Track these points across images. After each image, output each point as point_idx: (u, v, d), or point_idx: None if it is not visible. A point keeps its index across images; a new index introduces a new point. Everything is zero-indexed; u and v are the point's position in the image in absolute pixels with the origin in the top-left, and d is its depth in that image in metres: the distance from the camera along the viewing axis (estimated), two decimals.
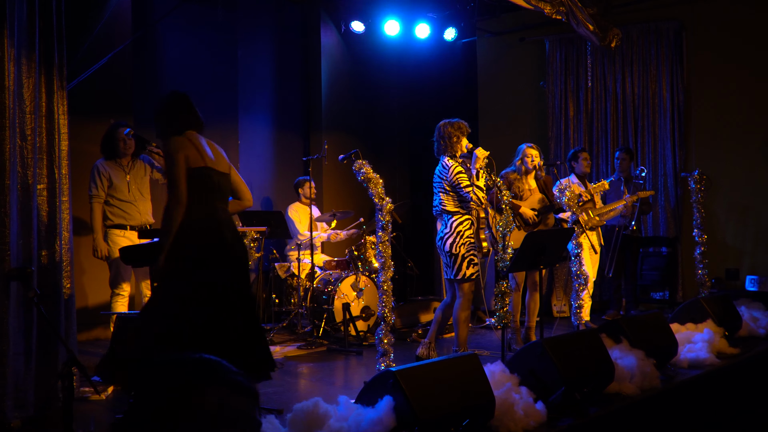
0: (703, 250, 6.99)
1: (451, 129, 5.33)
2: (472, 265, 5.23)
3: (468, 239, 5.23)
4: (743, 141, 8.11)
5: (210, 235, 3.85)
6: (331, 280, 6.84)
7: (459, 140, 5.33)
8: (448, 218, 5.27)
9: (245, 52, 8.11)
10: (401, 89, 9.60)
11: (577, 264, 5.79)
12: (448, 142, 5.33)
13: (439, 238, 5.31)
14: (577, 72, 9.06)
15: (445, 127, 5.37)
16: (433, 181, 5.44)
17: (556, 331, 6.56)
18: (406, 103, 9.68)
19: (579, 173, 6.98)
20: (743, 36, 8.11)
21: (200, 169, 3.88)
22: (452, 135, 5.33)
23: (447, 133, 5.34)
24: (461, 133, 5.34)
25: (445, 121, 5.41)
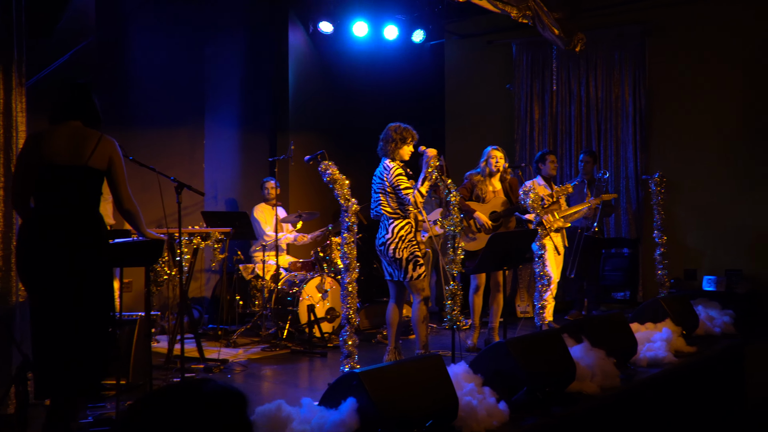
0: (663, 251, 7.12)
1: (395, 134, 5.32)
2: (418, 266, 5.24)
3: (409, 243, 5.24)
4: (703, 145, 8.25)
5: (31, 238, 3.60)
6: (296, 282, 6.80)
7: (398, 146, 5.31)
8: (388, 222, 5.26)
9: (213, 51, 8.02)
10: (370, 90, 9.58)
11: (540, 265, 5.84)
12: (389, 146, 5.33)
13: (381, 243, 5.28)
14: (543, 75, 9.14)
15: (390, 130, 5.37)
16: (372, 182, 5.43)
17: (520, 332, 6.59)
18: (376, 105, 9.65)
19: (545, 175, 7.03)
20: (704, 42, 8.25)
21: (35, 165, 3.63)
22: (394, 140, 5.32)
23: (389, 136, 5.35)
24: (402, 141, 5.32)
25: (394, 124, 5.40)
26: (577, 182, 7.48)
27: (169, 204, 4.91)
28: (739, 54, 8.03)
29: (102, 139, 3.73)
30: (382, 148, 5.39)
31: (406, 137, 5.34)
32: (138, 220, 3.90)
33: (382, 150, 5.39)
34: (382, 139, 5.41)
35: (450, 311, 5.04)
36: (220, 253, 6.24)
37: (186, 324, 5.73)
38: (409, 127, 5.39)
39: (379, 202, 5.31)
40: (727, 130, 8.14)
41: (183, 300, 5.39)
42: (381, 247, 5.30)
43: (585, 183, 7.61)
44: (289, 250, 7.95)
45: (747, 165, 8.01)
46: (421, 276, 5.26)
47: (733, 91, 8.10)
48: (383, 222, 5.31)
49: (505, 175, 6.28)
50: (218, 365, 5.51)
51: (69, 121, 3.73)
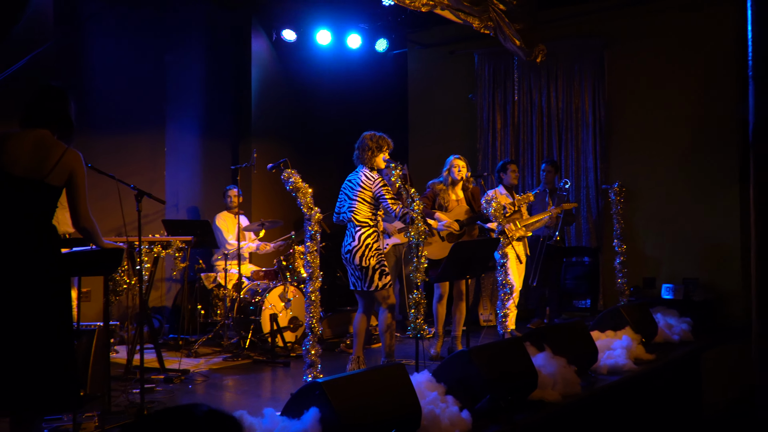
0: (623, 259, 7.23)
1: (371, 142, 5.35)
2: (384, 275, 5.26)
3: (376, 251, 5.26)
4: (661, 155, 8.39)
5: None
6: (259, 291, 6.74)
7: (374, 155, 5.34)
8: (356, 230, 5.26)
9: (174, 57, 7.94)
10: (334, 99, 9.58)
11: (503, 274, 5.87)
12: (365, 155, 5.35)
13: (347, 250, 5.28)
14: (505, 85, 9.23)
15: (366, 139, 5.39)
16: (342, 188, 5.43)
17: (483, 340, 6.63)
18: (340, 113, 9.66)
19: (507, 184, 7.09)
20: (660, 54, 8.40)
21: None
22: (370, 148, 5.34)
23: (365, 144, 5.37)
24: (378, 149, 5.35)
25: (369, 133, 5.42)
26: (539, 191, 7.56)
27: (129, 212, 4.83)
28: (693, 67, 8.20)
29: (66, 153, 3.52)
30: (358, 156, 5.41)
31: (381, 145, 5.37)
32: (95, 237, 3.72)
33: (359, 158, 5.41)
34: (357, 148, 5.43)
35: (413, 320, 5.04)
36: (181, 262, 6.16)
37: (146, 334, 5.66)
38: (385, 136, 5.43)
39: (353, 209, 5.29)
40: (681, 142, 8.30)
41: (143, 309, 5.30)
42: (347, 254, 5.28)
43: (547, 192, 7.70)
44: (252, 259, 7.88)
45: (700, 176, 8.17)
46: (387, 285, 5.26)
47: (686, 103, 8.26)
48: (350, 229, 5.30)
49: (468, 184, 6.31)
50: (179, 375, 5.43)
51: (37, 129, 3.53)
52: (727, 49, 7.96)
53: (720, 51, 8.04)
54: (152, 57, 7.73)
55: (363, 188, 5.29)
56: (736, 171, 7.94)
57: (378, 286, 5.24)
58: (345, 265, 5.40)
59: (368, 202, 5.29)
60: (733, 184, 7.95)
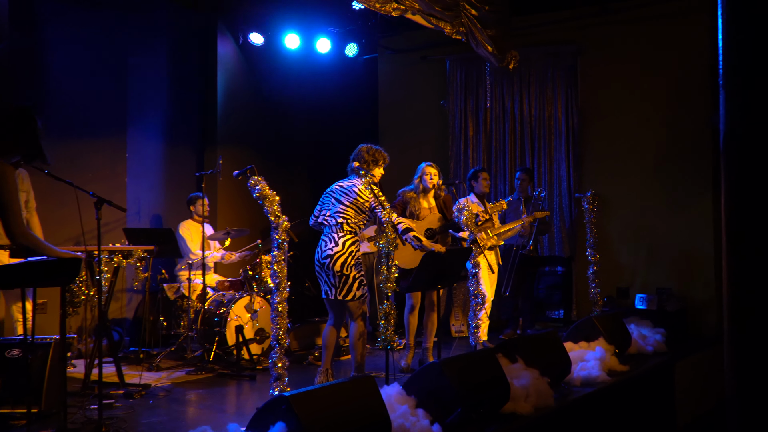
0: (596, 269, 7.30)
1: (367, 155, 5.47)
2: (362, 286, 5.27)
3: (358, 261, 5.28)
4: (635, 163, 8.49)
5: None
6: (224, 302, 6.69)
7: (370, 168, 5.43)
8: (340, 236, 5.26)
9: (136, 61, 7.86)
10: (303, 104, 9.56)
11: (475, 284, 5.89)
12: (361, 167, 5.40)
13: (327, 255, 5.26)
14: (477, 92, 9.29)
15: (362, 152, 5.48)
16: (329, 191, 5.43)
17: (455, 352, 6.64)
18: (308, 119, 9.64)
19: (478, 193, 7.12)
20: (635, 62, 8.51)
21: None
22: (366, 161, 5.43)
23: (361, 157, 5.46)
24: (374, 163, 5.48)
25: (365, 146, 5.53)
26: (511, 199, 7.60)
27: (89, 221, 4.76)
28: (666, 75, 8.32)
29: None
30: (354, 169, 5.46)
31: (377, 159, 5.49)
32: (40, 250, 3.65)
33: (353, 170, 5.47)
34: (352, 159, 5.49)
35: (384, 331, 5.03)
36: (142, 272, 6.08)
37: (105, 347, 5.58)
38: (381, 149, 5.54)
39: (343, 214, 5.30)
40: (654, 150, 8.41)
41: (102, 321, 5.23)
42: (326, 260, 5.25)
43: (521, 201, 7.74)
44: (217, 269, 7.82)
45: (673, 184, 8.28)
46: (363, 297, 5.26)
47: (658, 111, 8.38)
48: (330, 234, 5.29)
49: (439, 192, 6.33)
50: (139, 390, 5.36)
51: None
52: (700, 58, 8.09)
53: (693, 60, 8.17)
54: (114, 59, 7.64)
55: (359, 196, 5.30)
56: (709, 179, 8.07)
57: (355, 296, 5.25)
58: (318, 272, 5.37)
59: (361, 210, 5.32)
60: (706, 192, 8.08)
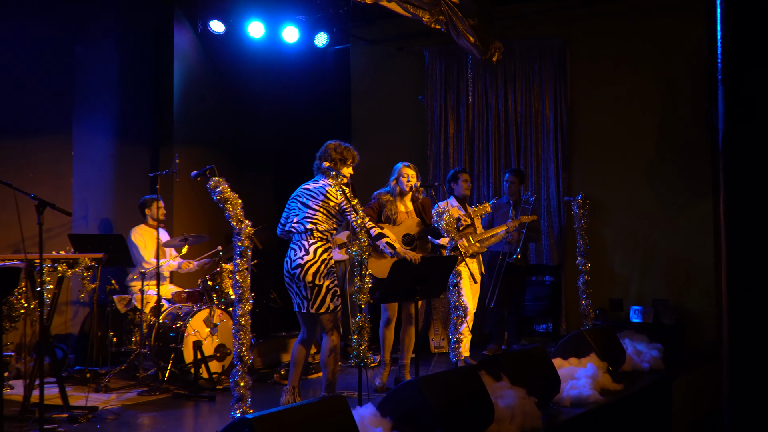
0: (587, 279, 7.34)
1: (334, 153, 5.46)
2: (336, 297, 5.27)
3: (331, 270, 5.28)
4: (627, 164, 8.60)
5: None
6: (181, 315, 6.66)
7: (338, 167, 5.44)
8: (310, 243, 5.26)
9: (84, 51, 7.80)
10: (268, 99, 9.54)
11: (455, 295, 5.90)
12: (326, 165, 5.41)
13: (297, 265, 5.26)
14: (458, 86, 9.34)
15: (330, 149, 5.48)
16: (294, 196, 5.43)
17: (434, 369, 6.66)
18: (275, 115, 9.63)
19: (459, 195, 7.15)
20: (627, 56, 8.63)
21: None
22: (333, 160, 5.44)
23: (328, 155, 5.46)
24: (342, 161, 5.47)
25: (333, 143, 5.52)
26: (495, 202, 7.60)
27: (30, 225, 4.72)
28: (662, 70, 8.45)
29: None
30: (322, 169, 5.47)
31: (346, 158, 5.50)
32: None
33: (320, 170, 5.47)
34: (319, 158, 5.49)
35: (357, 347, 5.03)
36: (90, 283, 6.02)
37: (47, 366, 5.52)
38: (350, 147, 5.55)
39: (312, 219, 5.30)
40: (649, 150, 8.53)
41: (43, 337, 5.17)
42: (296, 270, 5.24)
43: (511, 205, 7.75)
44: (173, 279, 7.77)
45: (669, 187, 8.40)
46: (337, 309, 5.26)
47: (653, 108, 8.51)
48: (300, 242, 5.28)
49: (417, 195, 6.35)
50: (86, 414, 5.30)
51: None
52: (697, 51, 8.22)
53: (690, 53, 8.30)
54: (58, 48, 7.57)
55: (328, 198, 5.31)
56: (708, 182, 8.18)
57: (329, 308, 5.25)
58: (288, 284, 5.36)
59: (332, 214, 5.32)
60: (705, 195, 8.18)
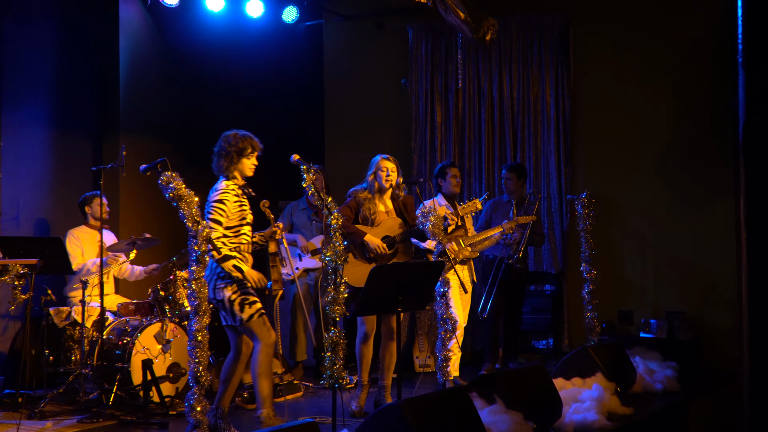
0: (593, 288, 7.36)
1: (230, 146, 5.50)
2: (247, 303, 5.33)
3: (228, 278, 5.34)
4: (640, 158, 8.64)
5: None
6: (128, 330, 6.63)
7: (236, 160, 5.50)
8: (213, 264, 5.34)
9: (13, 27, 7.74)
10: (231, 83, 9.51)
11: (443, 306, 5.90)
12: (224, 162, 5.49)
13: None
14: (446, 69, 9.36)
15: (224, 141, 5.53)
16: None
17: (419, 391, 6.66)
18: (238, 101, 9.59)
19: (447, 193, 7.17)
20: (638, 36, 8.67)
21: None
22: (229, 153, 5.49)
23: (223, 148, 5.52)
24: (240, 153, 5.50)
25: (229, 133, 5.57)
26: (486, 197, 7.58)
27: None
28: (675, 52, 8.50)
29: None
30: (217, 164, 5.53)
31: (244, 148, 5.52)
32: None
33: (217, 167, 5.54)
34: (215, 153, 5.54)
35: (330, 366, 5.03)
36: (22, 293, 5.99)
37: None
38: (249, 135, 5.57)
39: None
40: (662, 142, 8.58)
41: None
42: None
43: (512, 204, 7.72)
44: (119, 288, 7.73)
45: (686, 185, 8.45)
46: (254, 316, 5.27)
47: (668, 95, 8.56)
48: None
49: (398, 192, 6.35)
50: None
51: None
52: (715, 32, 8.26)
53: (708, 33, 8.34)
54: None
55: (221, 201, 5.40)
56: (730, 180, 8.19)
57: (242, 319, 5.31)
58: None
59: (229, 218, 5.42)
60: (726, 195, 8.19)
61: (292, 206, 8.12)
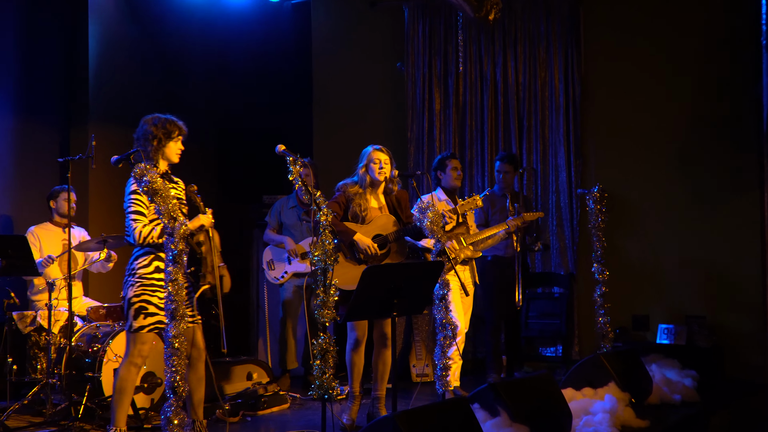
0: (605, 291, 7.37)
1: (155, 129, 5.43)
2: (143, 313, 5.28)
3: (140, 279, 5.31)
4: (657, 148, 8.63)
5: None
6: (98, 336, 6.63)
7: (161, 145, 5.44)
8: (132, 259, 5.36)
9: None
10: (210, 67, 9.50)
11: (442, 310, 5.90)
12: (149, 147, 5.42)
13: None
14: (446, 51, 9.35)
15: (148, 125, 5.48)
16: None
17: (416, 402, 6.66)
18: (218, 86, 9.58)
19: (447, 187, 7.16)
20: (656, 16, 8.66)
21: None
22: (155, 137, 5.43)
23: (147, 132, 5.44)
24: (166, 136, 5.45)
25: (151, 116, 5.52)
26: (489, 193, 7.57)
27: None
28: (697, 32, 8.49)
29: None
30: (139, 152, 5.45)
31: (171, 131, 5.47)
32: None
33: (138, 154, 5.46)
34: (137, 138, 5.48)
35: (319, 375, 5.03)
36: None
37: None
38: (172, 118, 5.52)
39: (127, 226, 5.35)
40: (682, 131, 8.57)
41: None
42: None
43: (507, 198, 7.73)
44: (89, 291, 7.72)
45: (708, 179, 8.45)
46: (144, 329, 5.28)
47: (689, 81, 8.54)
48: (131, 260, 5.40)
49: (392, 186, 6.33)
50: None
51: None
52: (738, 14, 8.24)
53: (729, 17, 8.32)
54: None
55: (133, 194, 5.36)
56: (755, 173, 8.19)
57: (132, 326, 5.29)
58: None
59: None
60: (751, 190, 8.20)
61: (281, 203, 8.05)
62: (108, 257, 7.22)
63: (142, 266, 5.30)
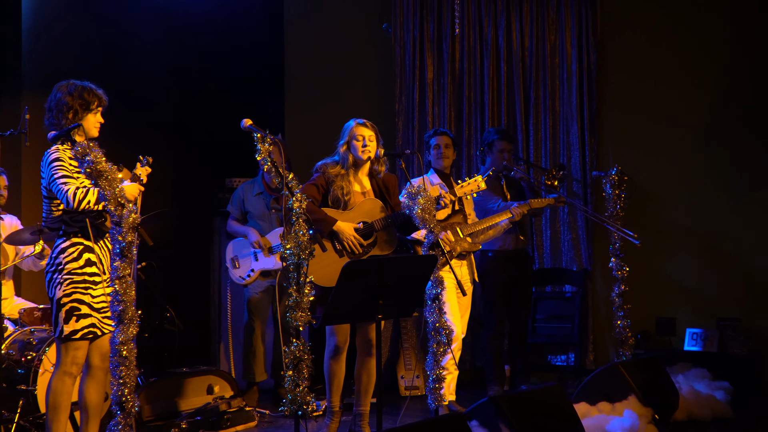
0: (625, 289, 7.37)
1: (71, 98, 5.42)
2: (75, 315, 5.26)
3: (71, 275, 5.29)
4: (683, 126, 8.68)
5: None
6: (33, 343, 6.60)
7: (79, 116, 5.42)
8: (55, 252, 5.34)
9: None
10: (163, 27, 9.45)
11: (435, 312, 5.90)
12: (65, 119, 5.40)
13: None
14: (440, 11, 9.32)
15: (63, 93, 5.47)
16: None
17: (404, 419, 6.67)
18: (172, 53, 9.53)
19: (440, 168, 7.14)
20: None
21: None
22: (71, 107, 5.42)
23: (62, 102, 5.44)
24: (84, 108, 5.45)
25: (65, 83, 5.51)
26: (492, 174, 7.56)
27: None
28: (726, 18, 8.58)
29: None
30: (51, 122, 5.45)
31: (90, 101, 5.48)
32: None
33: (51, 125, 5.46)
34: (49, 108, 5.47)
35: (291, 388, 5.02)
36: None
37: None
38: (90, 86, 5.52)
39: (45, 213, 5.39)
40: (711, 107, 8.62)
41: None
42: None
43: (502, 181, 7.72)
44: (21, 291, 7.69)
45: (740, 162, 8.49)
46: (77, 334, 5.25)
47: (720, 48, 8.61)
48: (54, 248, 5.39)
49: (378, 167, 6.31)
50: None
51: None
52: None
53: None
54: None
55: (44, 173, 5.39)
56: None
57: (64, 332, 5.25)
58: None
59: (53, 196, 5.35)
60: None
61: (243, 189, 7.99)
62: (41, 252, 7.17)
63: (71, 260, 5.27)
